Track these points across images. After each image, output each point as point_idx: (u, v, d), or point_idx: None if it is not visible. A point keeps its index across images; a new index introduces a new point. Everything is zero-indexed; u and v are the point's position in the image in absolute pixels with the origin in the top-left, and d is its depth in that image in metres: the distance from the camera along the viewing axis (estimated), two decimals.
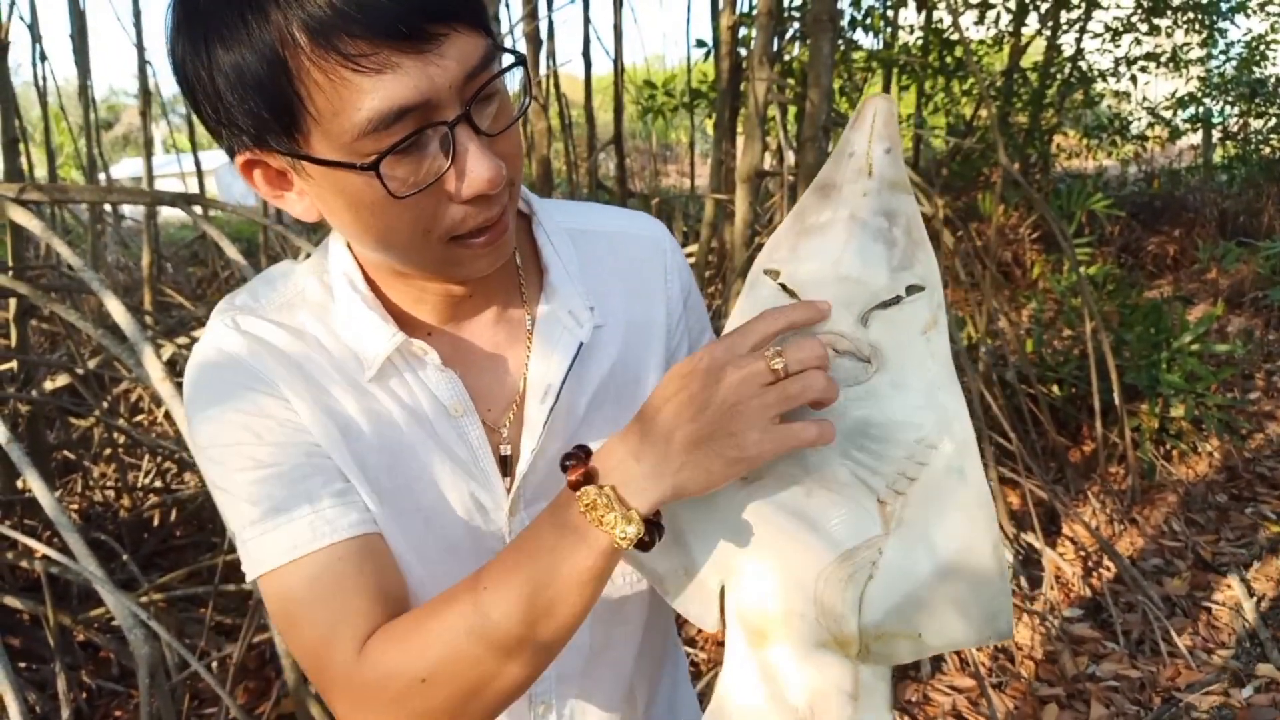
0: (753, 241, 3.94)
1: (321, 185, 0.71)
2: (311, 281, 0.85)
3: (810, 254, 0.77)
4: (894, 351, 0.75)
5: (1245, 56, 9.50)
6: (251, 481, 0.78)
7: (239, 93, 0.66)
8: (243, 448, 0.79)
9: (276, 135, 0.68)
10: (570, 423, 0.89)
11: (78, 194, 2.60)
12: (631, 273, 0.94)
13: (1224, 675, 2.86)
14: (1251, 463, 4.30)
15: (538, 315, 0.87)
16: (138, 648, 1.81)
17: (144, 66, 5.76)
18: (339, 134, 0.66)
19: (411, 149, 0.67)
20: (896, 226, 0.76)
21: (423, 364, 0.83)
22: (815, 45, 3.40)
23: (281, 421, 0.79)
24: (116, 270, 7.59)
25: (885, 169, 0.76)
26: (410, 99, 0.65)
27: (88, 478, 3.77)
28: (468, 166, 0.69)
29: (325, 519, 0.78)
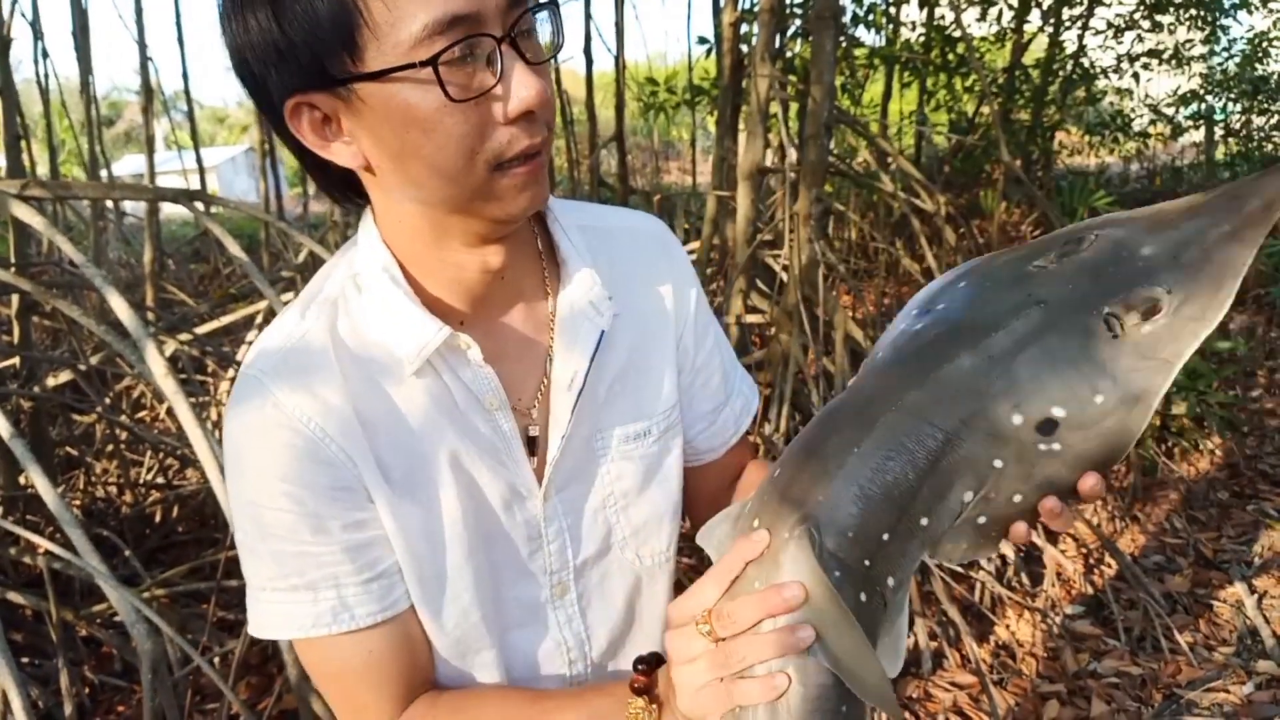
0: (754, 238, 3.95)
1: (373, 111, 0.72)
2: (346, 289, 0.85)
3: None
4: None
5: (1248, 53, 9.50)
6: (287, 553, 0.81)
7: (302, 24, 0.69)
8: (284, 514, 0.80)
9: (335, 60, 0.70)
10: (592, 408, 0.92)
11: (80, 190, 2.60)
12: (639, 266, 0.97)
13: (1225, 672, 2.86)
14: (1253, 460, 4.30)
15: (560, 305, 0.90)
16: (141, 643, 1.82)
17: (146, 63, 5.77)
18: (395, 45, 0.69)
19: (463, 60, 0.70)
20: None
21: (461, 359, 0.84)
22: (817, 42, 3.40)
23: (331, 488, 0.80)
24: (118, 267, 7.59)
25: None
26: (463, 9, 0.69)
27: (90, 473, 3.78)
28: (515, 81, 0.72)
29: (346, 605, 0.82)
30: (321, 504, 0.80)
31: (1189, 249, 0.70)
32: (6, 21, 3.41)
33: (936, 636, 2.99)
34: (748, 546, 0.69)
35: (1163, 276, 0.69)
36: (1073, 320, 0.68)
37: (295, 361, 0.81)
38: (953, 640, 2.99)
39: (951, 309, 0.73)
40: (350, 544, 0.82)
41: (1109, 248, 0.71)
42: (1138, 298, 0.68)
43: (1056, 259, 0.72)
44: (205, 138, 8.79)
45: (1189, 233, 0.70)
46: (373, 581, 0.83)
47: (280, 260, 6.98)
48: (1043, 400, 0.68)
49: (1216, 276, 0.70)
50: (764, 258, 4.21)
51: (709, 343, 1.03)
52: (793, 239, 3.59)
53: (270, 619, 0.83)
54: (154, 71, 5.95)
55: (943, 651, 2.96)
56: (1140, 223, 0.72)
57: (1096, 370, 0.68)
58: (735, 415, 1.08)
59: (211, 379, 4.24)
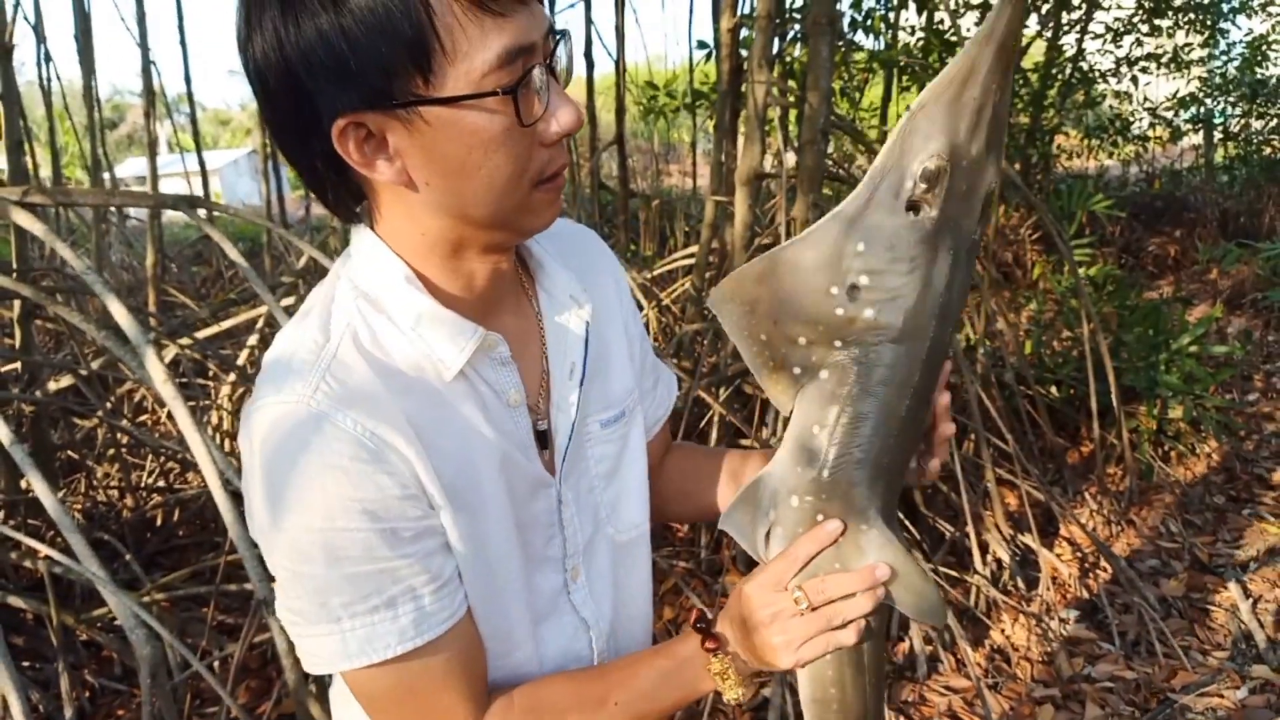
0: (752, 243, 3.96)
1: (437, 132, 0.75)
2: (360, 306, 0.84)
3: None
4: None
5: (1247, 57, 9.51)
6: (363, 574, 0.79)
7: (375, 39, 0.70)
8: (358, 535, 0.77)
9: (406, 80, 0.72)
10: (582, 398, 0.97)
11: (81, 197, 2.62)
12: (587, 261, 1.05)
13: (1219, 676, 2.87)
14: (1249, 464, 4.31)
15: (542, 303, 0.96)
16: (140, 647, 1.84)
17: (148, 66, 5.79)
18: (468, 71, 0.73)
19: (524, 87, 0.76)
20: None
21: (485, 359, 0.87)
22: (814, 48, 3.42)
23: (399, 496, 0.79)
24: (120, 270, 7.62)
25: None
26: (525, 40, 0.75)
27: (91, 478, 3.79)
28: (559, 108, 0.79)
29: (426, 614, 0.82)
30: (393, 514, 0.79)
31: (993, 124, 0.78)
32: (9, 26, 3.42)
33: (931, 641, 3.00)
34: (823, 535, 0.87)
35: (991, 169, 0.80)
36: (968, 250, 0.83)
37: (337, 378, 0.79)
38: (948, 644, 3.00)
39: (894, 295, 0.81)
40: (423, 552, 0.82)
41: (954, 165, 0.78)
42: (986, 201, 0.82)
43: (932, 207, 0.79)
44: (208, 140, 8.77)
45: (987, 109, 0.77)
46: (444, 588, 0.84)
47: (282, 264, 7.00)
48: (960, 309, 0.86)
49: (1003, 131, 0.81)
50: None
51: (638, 325, 1.11)
52: None
53: (348, 649, 0.80)
54: (156, 75, 5.97)
55: (938, 656, 2.98)
56: (954, 112, 0.77)
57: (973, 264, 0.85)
58: (667, 391, 1.18)
59: (213, 383, 4.25)
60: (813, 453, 0.86)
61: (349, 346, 0.82)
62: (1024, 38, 8.12)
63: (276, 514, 0.77)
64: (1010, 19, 0.75)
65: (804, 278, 0.81)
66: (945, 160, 0.77)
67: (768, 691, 2.61)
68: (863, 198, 0.79)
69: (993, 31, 0.76)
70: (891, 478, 0.89)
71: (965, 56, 0.76)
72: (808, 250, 0.81)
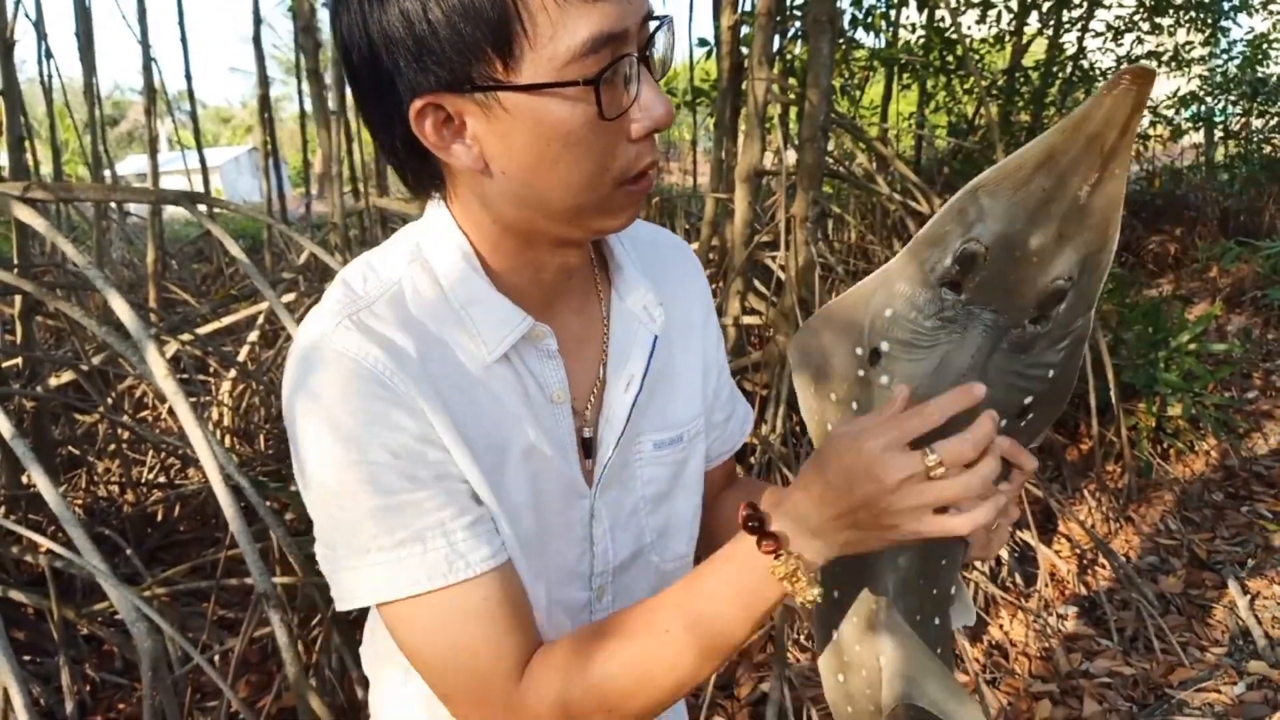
0: (752, 239, 3.97)
1: (515, 120, 0.72)
2: (412, 270, 0.84)
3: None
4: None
5: (1247, 55, 9.50)
6: (384, 507, 0.77)
7: (457, 20, 0.69)
8: (377, 467, 0.76)
9: (486, 64, 0.70)
10: (636, 413, 0.93)
11: (82, 192, 2.62)
12: (672, 276, 1.00)
13: (1217, 672, 2.88)
14: (1248, 462, 4.32)
15: (613, 308, 0.92)
16: (141, 641, 1.84)
17: (149, 64, 5.79)
18: (550, 58, 0.69)
19: (610, 77, 0.71)
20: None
21: (534, 350, 0.85)
22: (814, 46, 3.42)
23: (418, 437, 0.78)
24: (121, 267, 7.63)
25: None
26: (615, 27, 0.70)
27: (92, 473, 3.80)
28: (649, 101, 0.74)
29: (459, 552, 0.78)
30: (411, 455, 0.77)
31: (1070, 219, 0.71)
32: (10, 23, 3.43)
33: None
34: (966, 395, 0.73)
35: (1059, 266, 0.72)
36: (1009, 346, 0.76)
37: (365, 323, 0.79)
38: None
39: (911, 369, 0.77)
40: (447, 491, 0.79)
41: (1003, 257, 0.73)
42: (1047, 297, 0.74)
43: (957, 287, 0.74)
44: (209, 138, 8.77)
45: (1063, 203, 0.71)
46: (477, 525, 0.80)
47: (283, 261, 7.00)
48: (1016, 405, 0.79)
49: (1103, 226, 0.72)
50: (762, 259, 4.23)
51: (720, 357, 1.07)
52: (790, 241, 3.61)
53: (375, 582, 0.78)
54: (157, 72, 5.97)
55: None
56: (1011, 200, 0.72)
57: (1040, 360, 0.77)
58: (740, 426, 1.12)
59: (214, 379, 4.26)
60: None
61: (386, 302, 0.81)
62: (1024, 35, 8.16)
63: (300, 448, 0.79)
64: (1113, 108, 0.68)
65: (838, 332, 0.80)
66: (985, 247, 0.72)
67: (766, 686, 2.62)
68: (903, 261, 0.77)
69: (1086, 117, 0.69)
70: (913, 556, 0.85)
71: (1045, 138, 0.70)
72: (846, 304, 0.80)
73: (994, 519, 0.72)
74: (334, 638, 2.56)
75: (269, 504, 2.10)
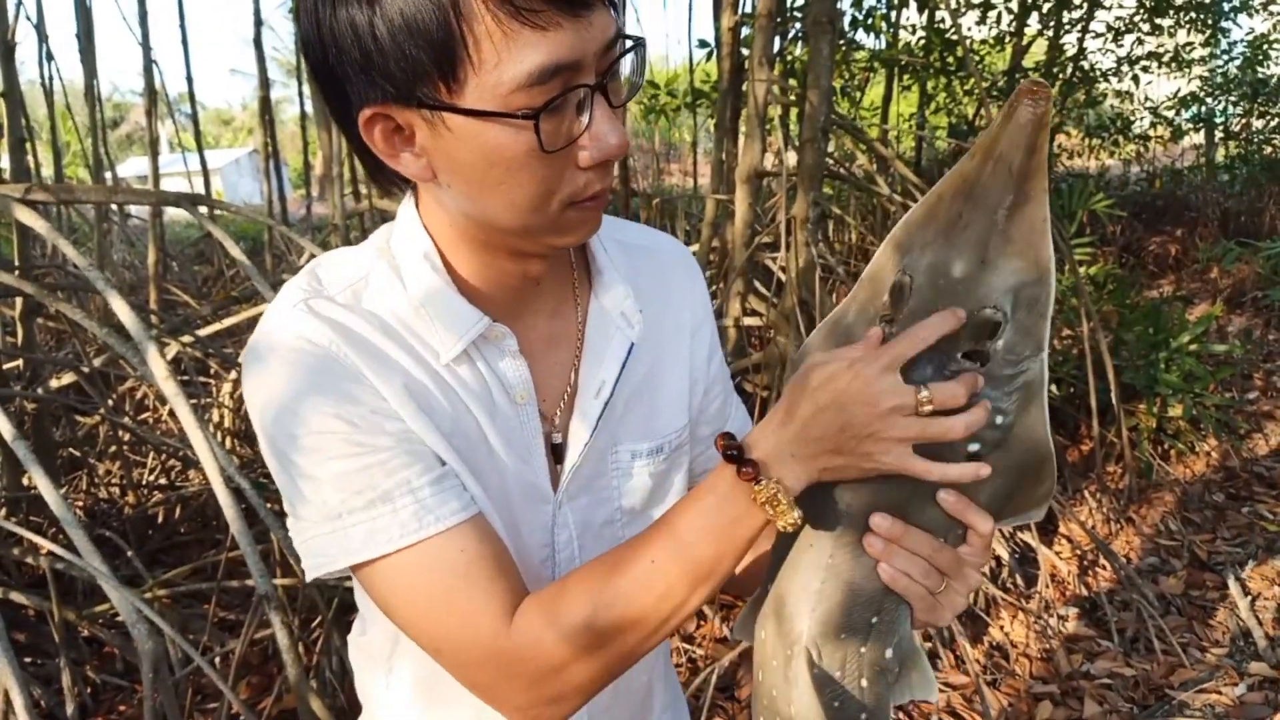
0: (753, 241, 3.97)
1: (458, 140, 0.72)
2: (379, 266, 0.85)
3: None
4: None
5: (1248, 56, 9.51)
6: (348, 471, 0.78)
7: (402, 39, 0.68)
8: (336, 436, 0.78)
9: (429, 84, 0.69)
10: (610, 421, 0.92)
11: (83, 194, 2.62)
12: (663, 283, 0.99)
13: (1217, 673, 2.88)
14: (1249, 462, 4.32)
15: (590, 313, 0.91)
16: (142, 643, 1.84)
17: (150, 66, 5.80)
18: (495, 85, 0.68)
19: (558, 108, 0.70)
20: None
21: (496, 350, 0.85)
22: (814, 48, 3.42)
23: (373, 408, 0.79)
24: (122, 268, 7.63)
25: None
26: (566, 58, 0.68)
27: (93, 475, 3.80)
28: (602, 132, 0.73)
29: (427, 507, 0.78)
30: (369, 425, 0.78)
31: (990, 244, 0.70)
32: (11, 26, 3.43)
33: (931, 637, 3.01)
34: (950, 319, 0.71)
35: (986, 294, 0.71)
36: (946, 379, 0.72)
37: (320, 311, 0.81)
38: (947, 641, 3.01)
39: None
40: (409, 450, 0.79)
41: (928, 286, 0.72)
42: (978, 328, 0.71)
43: (890, 322, 0.74)
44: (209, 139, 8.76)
45: (980, 227, 0.70)
46: (443, 480, 0.80)
47: (284, 262, 7.01)
48: (955, 454, 0.74)
49: (1028, 252, 0.70)
50: (763, 259, 4.23)
51: (713, 368, 1.05)
52: (790, 242, 3.61)
53: (349, 543, 0.78)
54: (158, 74, 5.98)
55: (937, 652, 2.98)
56: (932, 229, 0.72)
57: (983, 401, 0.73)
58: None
59: (214, 381, 4.26)
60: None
61: (346, 294, 0.83)
62: (1026, 36, 8.16)
63: (262, 428, 0.80)
64: (1014, 130, 0.67)
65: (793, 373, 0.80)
66: (911, 277, 0.72)
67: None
68: (851, 296, 0.76)
69: (992, 140, 0.68)
70: (834, 607, 0.81)
71: (959, 166, 0.70)
72: (822, 331, 0.80)
73: (965, 478, 0.73)
74: (334, 639, 2.56)
75: (270, 506, 2.10)
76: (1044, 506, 0.77)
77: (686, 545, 0.77)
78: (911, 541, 0.76)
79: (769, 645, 0.85)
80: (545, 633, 0.78)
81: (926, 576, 0.77)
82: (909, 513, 0.76)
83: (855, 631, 0.81)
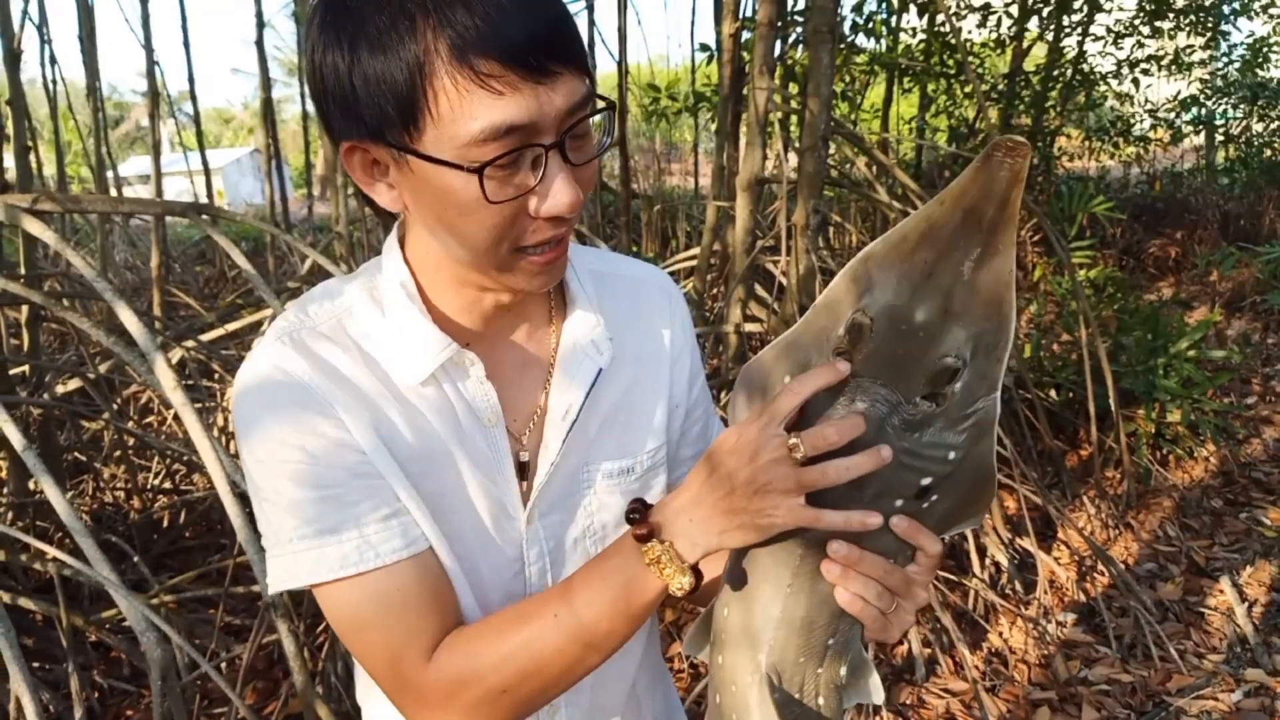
0: (754, 247, 3.99)
1: (420, 179, 0.78)
2: (361, 296, 0.91)
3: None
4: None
5: (1248, 59, 9.53)
6: (303, 500, 0.84)
7: (373, 89, 0.74)
8: (297, 466, 0.84)
9: (394, 130, 0.76)
10: (582, 442, 0.97)
11: (90, 204, 2.64)
12: (642, 313, 1.04)
13: (1214, 680, 2.90)
14: (1247, 468, 4.34)
15: (563, 340, 0.96)
16: (150, 650, 1.86)
17: (153, 69, 5.81)
18: (451, 137, 0.74)
19: (510, 163, 0.76)
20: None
21: (465, 374, 0.90)
22: (815, 55, 3.44)
23: (335, 441, 0.85)
24: (125, 270, 7.65)
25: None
26: (520, 119, 0.73)
27: (98, 479, 3.82)
28: (553, 189, 0.78)
29: (370, 543, 0.85)
30: (331, 459, 0.85)
31: (955, 294, 0.70)
32: (17, 34, 3.45)
33: (930, 643, 3.03)
34: (830, 372, 0.73)
35: (946, 342, 0.70)
36: (900, 423, 0.73)
37: (302, 342, 0.87)
38: (946, 647, 3.03)
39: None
40: (363, 486, 0.85)
41: (888, 329, 0.71)
42: (936, 374, 0.71)
43: (847, 357, 0.73)
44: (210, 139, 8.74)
45: (946, 277, 0.69)
46: (391, 518, 0.86)
47: (285, 264, 7.03)
48: (911, 485, 0.75)
49: (992, 304, 0.70)
50: (764, 263, 4.26)
51: (696, 392, 1.08)
52: (791, 247, 3.63)
53: (296, 568, 0.85)
54: (159, 75, 5.99)
55: (936, 658, 3.01)
56: (895, 273, 0.71)
57: (938, 440, 0.73)
58: None
59: (218, 384, 4.28)
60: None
61: (330, 325, 0.89)
62: (1026, 39, 8.16)
63: (240, 445, 0.86)
64: (988, 183, 0.66)
65: (740, 399, 0.81)
66: (871, 319, 0.71)
67: None
68: (806, 323, 0.76)
69: (963, 191, 0.67)
70: (793, 632, 0.82)
71: (926, 210, 0.69)
72: (755, 366, 0.80)
73: (852, 526, 0.74)
74: (339, 645, 2.58)
75: None
76: (982, 515, 0.80)
77: (584, 603, 0.83)
78: (866, 565, 0.77)
79: (727, 670, 0.86)
80: (456, 672, 0.85)
81: (880, 598, 0.78)
82: (862, 537, 0.77)
83: (813, 655, 0.83)
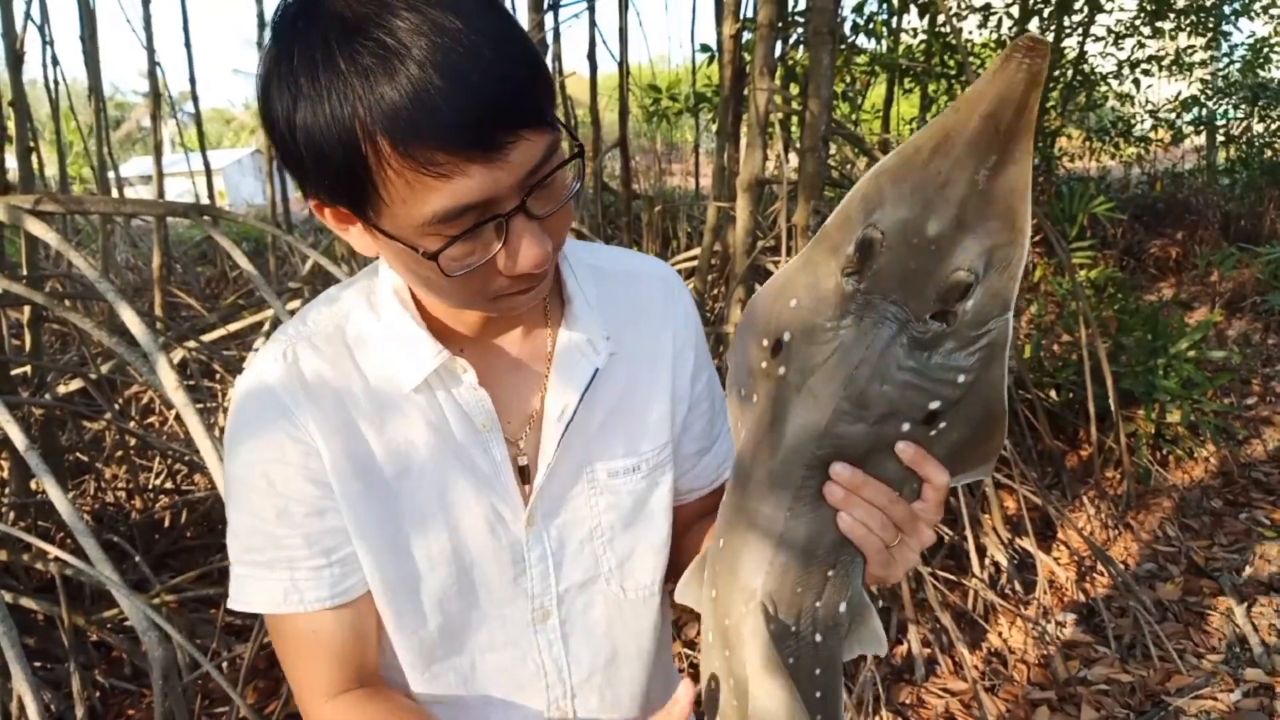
0: (754, 248, 3.99)
1: (384, 244, 0.78)
2: (359, 302, 0.92)
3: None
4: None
5: (1249, 60, 9.53)
6: (253, 528, 0.88)
7: (315, 157, 0.71)
8: (255, 494, 0.87)
9: (352, 204, 0.75)
10: (583, 441, 0.96)
11: (92, 205, 2.65)
12: (643, 308, 1.02)
13: (1213, 679, 2.91)
14: (1247, 468, 4.34)
15: (559, 340, 0.95)
16: (152, 650, 1.87)
17: (154, 70, 5.83)
18: (405, 219, 0.72)
19: (469, 236, 0.73)
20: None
21: (458, 381, 0.89)
22: (815, 57, 3.45)
23: (299, 470, 0.86)
24: (126, 270, 7.66)
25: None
26: (474, 199, 0.71)
27: (100, 479, 3.83)
28: (520, 249, 0.76)
29: (298, 589, 0.88)
30: (291, 489, 0.86)
31: (968, 205, 0.67)
32: (20, 36, 3.46)
33: (929, 643, 3.04)
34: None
35: (958, 256, 0.68)
36: (909, 341, 0.70)
37: (298, 356, 0.88)
38: (945, 647, 3.04)
39: (808, 359, 0.74)
40: (310, 531, 0.87)
41: (899, 244, 0.69)
42: (948, 289, 0.69)
43: (859, 278, 0.71)
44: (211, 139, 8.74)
45: (960, 186, 0.67)
46: (325, 568, 0.89)
47: (286, 265, 7.04)
48: (919, 408, 0.72)
49: (1007, 215, 0.67)
50: (765, 264, 4.26)
51: (700, 387, 1.06)
52: (791, 248, 3.64)
53: (240, 592, 0.90)
54: (160, 76, 6.01)
55: (935, 658, 3.01)
56: (908, 184, 0.68)
57: (947, 362, 0.71)
58: (718, 462, 1.10)
59: (219, 385, 4.29)
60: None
61: (328, 333, 0.90)
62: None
63: (223, 455, 0.91)
64: (1005, 86, 0.63)
65: (752, 323, 0.77)
66: (882, 233, 0.68)
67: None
68: (812, 248, 0.73)
69: (980, 95, 0.64)
70: (792, 558, 0.78)
71: (941, 118, 0.66)
72: (764, 294, 0.77)
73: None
74: None
75: None
76: (991, 463, 0.77)
77: None
78: (869, 492, 0.74)
79: (721, 603, 0.83)
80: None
81: (884, 529, 0.75)
82: (867, 463, 0.74)
83: (811, 586, 0.79)
